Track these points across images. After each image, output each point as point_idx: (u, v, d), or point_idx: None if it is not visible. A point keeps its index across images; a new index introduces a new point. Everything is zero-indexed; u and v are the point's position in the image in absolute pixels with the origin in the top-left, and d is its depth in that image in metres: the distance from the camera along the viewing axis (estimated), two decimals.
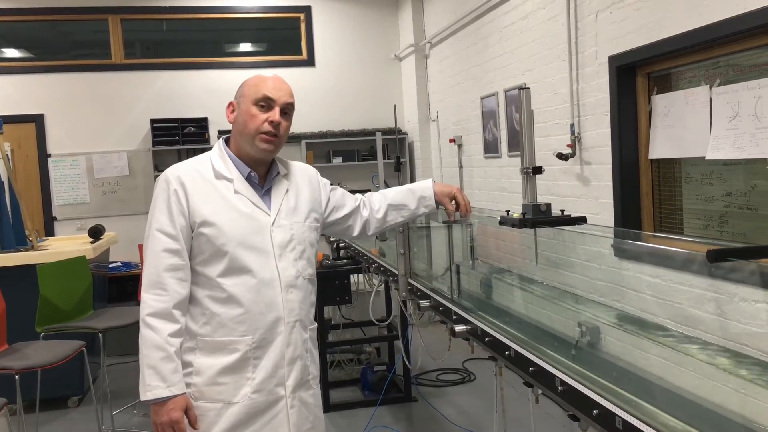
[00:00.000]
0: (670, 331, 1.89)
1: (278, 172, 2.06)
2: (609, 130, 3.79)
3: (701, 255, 1.41)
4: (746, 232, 3.10)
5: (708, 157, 3.13)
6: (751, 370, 1.55)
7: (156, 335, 1.85)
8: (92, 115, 6.97)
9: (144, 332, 1.86)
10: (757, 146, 2.86)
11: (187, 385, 1.92)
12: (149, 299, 1.88)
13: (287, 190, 2.06)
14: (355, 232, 2.26)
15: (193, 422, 1.89)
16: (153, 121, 6.85)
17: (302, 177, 2.14)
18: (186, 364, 1.92)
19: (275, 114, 1.94)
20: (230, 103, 2.02)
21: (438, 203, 2.24)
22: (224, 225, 1.91)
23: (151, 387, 1.84)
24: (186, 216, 1.91)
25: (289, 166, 2.13)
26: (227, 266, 1.91)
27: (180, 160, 2.07)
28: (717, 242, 1.60)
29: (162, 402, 1.85)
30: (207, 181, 1.96)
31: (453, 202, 2.22)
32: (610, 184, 3.81)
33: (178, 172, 1.96)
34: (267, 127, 1.93)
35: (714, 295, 2.92)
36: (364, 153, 7.24)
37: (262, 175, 2.03)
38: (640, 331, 1.89)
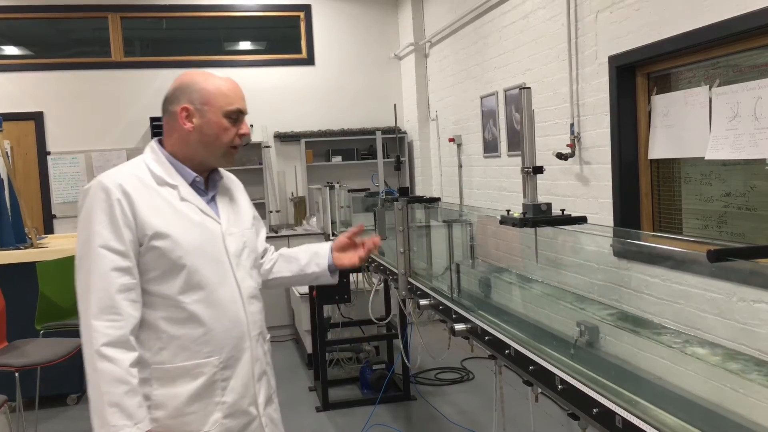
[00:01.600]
0: (669, 330, 1.90)
1: (221, 177, 1.94)
2: (608, 129, 3.79)
3: (701, 255, 1.42)
4: (745, 232, 3.11)
5: (707, 157, 3.14)
6: (750, 369, 1.56)
7: (116, 367, 1.62)
8: (92, 113, 6.96)
9: (100, 365, 1.62)
10: (756, 147, 2.87)
11: None
12: (102, 327, 1.63)
13: (230, 196, 1.95)
14: None
15: None
16: (152, 120, 6.84)
17: (237, 186, 2.03)
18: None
19: (246, 127, 1.84)
20: (184, 107, 1.79)
21: (337, 262, 2.06)
22: (179, 236, 1.73)
23: (117, 427, 1.60)
24: (133, 229, 1.70)
25: (224, 172, 1.99)
26: (185, 282, 1.73)
27: (117, 166, 1.94)
28: (716, 242, 1.60)
29: None
30: (150, 188, 1.76)
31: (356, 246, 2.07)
32: (610, 183, 3.81)
33: (117, 179, 1.73)
34: (238, 140, 1.82)
35: (713, 294, 2.93)
36: (364, 152, 7.24)
37: (205, 180, 1.88)
38: (639, 330, 1.90)
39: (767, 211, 2.96)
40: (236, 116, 1.81)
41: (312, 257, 2.08)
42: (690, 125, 3.28)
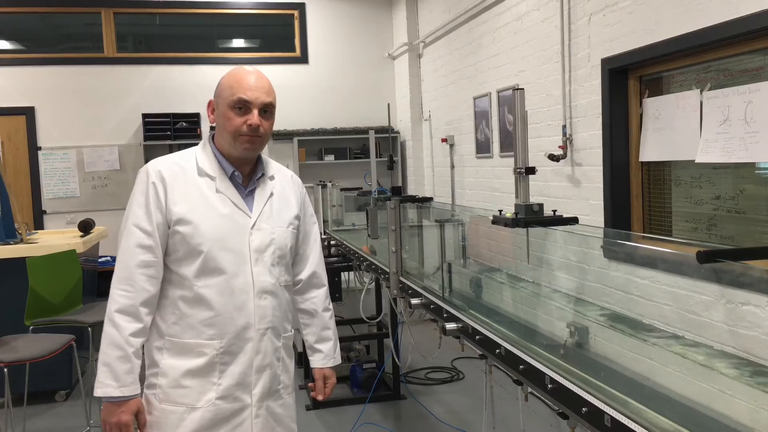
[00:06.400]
0: (658, 330, 1.91)
1: (263, 173, 2.00)
2: (600, 132, 3.81)
3: (690, 256, 1.43)
4: (734, 235, 3.13)
5: (698, 160, 3.16)
6: (737, 370, 1.58)
7: (117, 333, 1.81)
8: (83, 108, 6.93)
9: (106, 328, 1.82)
10: (746, 150, 2.89)
11: (153, 385, 1.90)
12: (116, 295, 1.83)
13: (271, 194, 2.00)
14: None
15: (142, 427, 1.86)
16: (145, 116, 6.82)
17: (289, 183, 2.09)
18: (153, 364, 1.91)
19: (253, 117, 1.88)
20: (209, 102, 1.97)
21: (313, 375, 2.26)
22: (201, 224, 1.86)
23: (103, 384, 1.80)
24: (163, 212, 1.86)
25: (275, 169, 2.07)
26: (201, 267, 1.86)
27: (171, 154, 2.04)
28: (705, 244, 1.62)
29: (114, 402, 1.82)
30: (189, 177, 1.91)
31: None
32: (601, 185, 3.83)
33: (159, 166, 1.91)
34: (245, 129, 1.87)
35: (702, 296, 2.95)
36: (356, 151, 7.25)
37: (246, 174, 1.97)
38: (628, 330, 1.91)
39: (756, 214, 2.99)
40: (241, 106, 1.87)
41: (314, 348, 2.31)
42: (681, 128, 3.30)
